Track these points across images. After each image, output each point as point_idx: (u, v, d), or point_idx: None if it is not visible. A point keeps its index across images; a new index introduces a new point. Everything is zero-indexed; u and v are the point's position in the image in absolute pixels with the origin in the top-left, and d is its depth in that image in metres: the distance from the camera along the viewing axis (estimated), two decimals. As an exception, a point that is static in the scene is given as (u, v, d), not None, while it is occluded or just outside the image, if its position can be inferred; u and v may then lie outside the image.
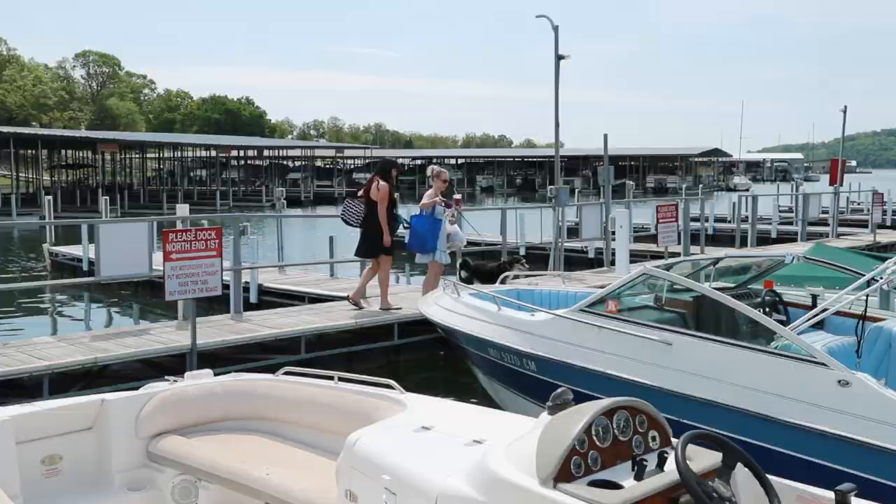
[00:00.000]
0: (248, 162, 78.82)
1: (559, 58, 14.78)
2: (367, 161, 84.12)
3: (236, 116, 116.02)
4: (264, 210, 47.11)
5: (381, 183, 10.92)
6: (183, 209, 11.81)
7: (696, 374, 5.49)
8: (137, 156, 75.83)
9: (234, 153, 72.26)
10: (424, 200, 11.14)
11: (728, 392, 5.29)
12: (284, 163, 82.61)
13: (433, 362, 10.81)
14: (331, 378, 4.74)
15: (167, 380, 4.95)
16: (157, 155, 77.65)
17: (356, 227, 11.17)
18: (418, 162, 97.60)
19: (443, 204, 11.24)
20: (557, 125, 15.19)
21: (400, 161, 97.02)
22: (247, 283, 13.06)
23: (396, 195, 11.65)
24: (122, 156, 72.54)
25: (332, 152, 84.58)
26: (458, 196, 12.29)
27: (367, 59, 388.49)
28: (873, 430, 4.65)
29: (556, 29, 14.80)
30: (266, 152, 78.15)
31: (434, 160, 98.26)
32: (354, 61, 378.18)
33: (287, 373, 4.96)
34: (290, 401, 4.78)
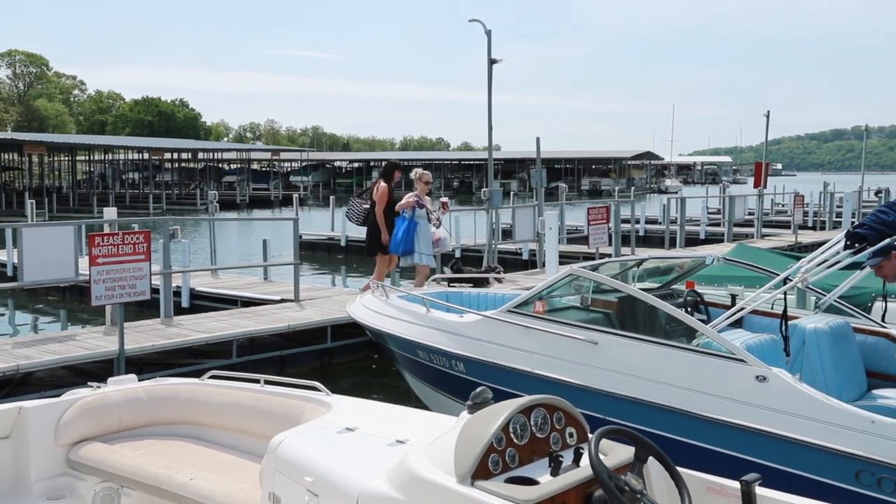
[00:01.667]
0: (183, 165, 77.45)
1: (492, 62, 14.97)
2: (304, 164, 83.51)
3: (170, 118, 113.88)
4: (199, 213, 46.32)
5: (382, 184, 11.12)
6: (110, 212, 11.61)
7: (621, 372, 5.59)
8: (67, 158, 73.84)
9: (167, 156, 70.92)
10: (402, 201, 11.11)
11: (653, 389, 5.41)
12: (220, 165, 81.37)
13: (366, 365, 10.84)
14: (257, 381, 4.73)
15: (90, 386, 4.88)
16: (87, 157, 75.74)
17: (357, 224, 11.65)
18: (356, 165, 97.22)
19: (422, 207, 11.13)
20: (491, 128, 15.36)
21: (337, 164, 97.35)
22: (178, 287, 12.87)
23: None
24: (51, 158, 70.59)
25: (268, 155, 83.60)
26: (444, 199, 12.23)
27: (304, 62, 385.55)
28: (788, 423, 4.82)
29: (488, 33, 15.00)
30: (201, 155, 76.83)
31: (371, 162, 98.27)
32: (292, 64, 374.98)
33: (213, 377, 4.93)
34: (215, 405, 4.76)
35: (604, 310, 6.65)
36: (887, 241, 4.98)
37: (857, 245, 5.03)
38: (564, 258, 17.21)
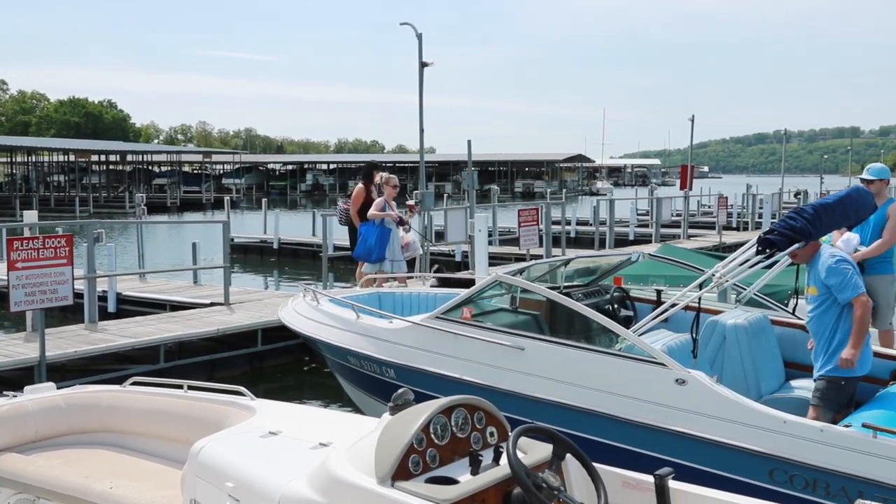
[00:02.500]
0: (111, 167, 75.61)
1: (423, 65, 15.06)
2: (236, 166, 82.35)
3: (97, 120, 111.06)
4: (127, 217, 45.35)
5: (358, 185, 11.04)
6: (31, 215, 11.34)
7: (547, 377, 5.65)
8: (-13, 160, 71.54)
9: (95, 158, 69.18)
10: (373, 210, 10.88)
11: (577, 394, 5.49)
12: (150, 168, 79.73)
13: (298, 367, 10.79)
14: (180, 387, 4.68)
15: (5, 395, 4.75)
16: (8, 159, 73.37)
17: (340, 224, 11.79)
18: (290, 167, 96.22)
19: (397, 220, 11.01)
20: (422, 131, 15.43)
21: (271, 166, 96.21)
22: (105, 291, 12.63)
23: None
24: (-29, 160, 68.26)
25: (200, 157, 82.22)
26: (411, 202, 12.11)
27: (237, 63, 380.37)
28: (706, 425, 4.96)
29: (419, 37, 15.09)
30: (130, 157, 75.13)
31: (306, 165, 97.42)
32: (224, 65, 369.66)
33: (135, 383, 4.85)
34: (136, 411, 4.69)
35: (533, 311, 6.71)
36: (795, 246, 5.20)
37: (768, 251, 5.21)
38: (496, 259, 17.40)
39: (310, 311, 7.72)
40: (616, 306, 7.43)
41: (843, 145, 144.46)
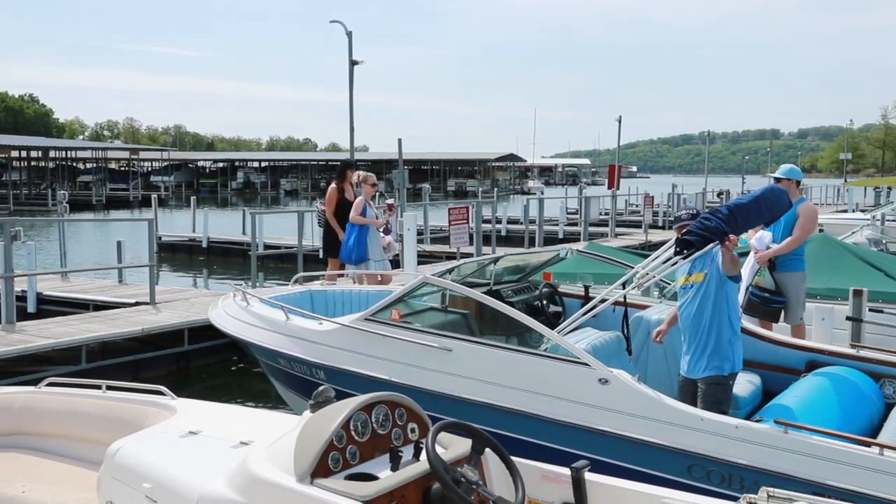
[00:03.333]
0: (33, 164, 73.32)
1: (353, 63, 15.03)
2: (165, 163, 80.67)
3: (18, 114, 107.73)
4: (50, 214, 44.07)
5: (332, 186, 10.63)
6: (-55, 213, 10.94)
7: (474, 378, 5.68)
8: None
9: (15, 154, 66.94)
10: (354, 213, 10.36)
11: (504, 394, 5.53)
12: (74, 165, 77.59)
13: (226, 367, 10.67)
14: (98, 387, 4.59)
15: None
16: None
17: (321, 227, 11.29)
18: (220, 165, 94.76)
19: (382, 228, 10.55)
20: (352, 129, 15.40)
21: (201, 164, 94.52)
22: (23, 291, 12.28)
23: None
24: None
25: (127, 154, 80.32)
26: (390, 201, 11.84)
27: (165, 58, 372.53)
28: (628, 423, 5.05)
29: (349, 35, 15.02)
30: (53, 153, 72.92)
31: (237, 163, 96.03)
32: (152, 60, 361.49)
33: (51, 384, 4.74)
34: (51, 413, 4.58)
35: (462, 310, 6.73)
36: (710, 245, 5.32)
37: (686, 251, 5.29)
38: (427, 258, 17.47)
39: (239, 311, 7.63)
40: (545, 302, 7.51)
41: (765, 146, 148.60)
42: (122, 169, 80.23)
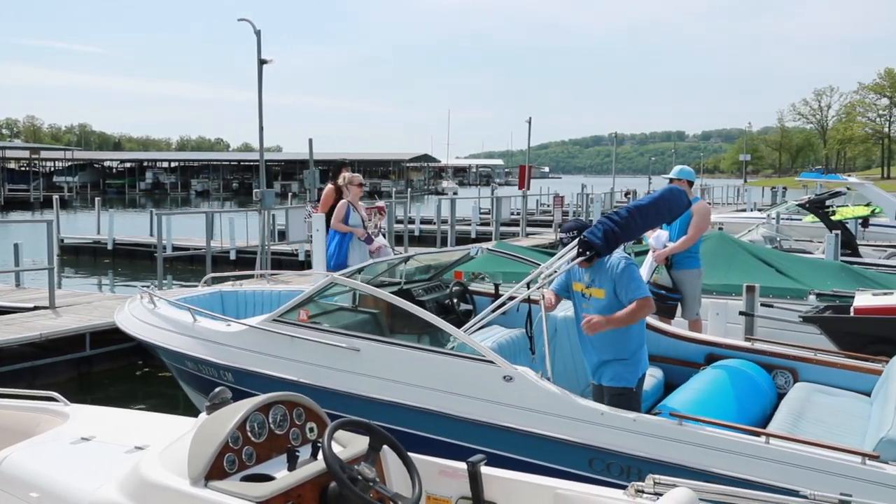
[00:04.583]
0: (-77, 163, 69.93)
1: (262, 62, 14.87)
2: (69, 163, 77.95)
3: None
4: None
5: (327, 187, 10.13)
6: None
7: (383, 377, 5.70)
8: None
9: None
10: (336, 220, 9.67)
11: (411, 393, 5.56)
12: (-31, 164, 74.19)
13: (130, 372, 10.40)
14: None
15: None
16: None
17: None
18: (128, 165, 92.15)
19: (364, 238, 9.69)
20: (262, 128, 15.23)
21: (107, 164, 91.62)
22: None
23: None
24: None
25: (27, 154, 77.29)
26: (381, 203, 11.36)
27: (69, 56, 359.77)
28: (532, 419, 5.14)
29: (258, 33, 14.89)
30: (-55, 152, 69.70)
31: (145, 163, 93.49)
32: (55, 57, 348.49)
33: None
34: None
35: (372, 309, 6.73)
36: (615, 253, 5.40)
37: (588, 252, 5.38)
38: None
39: (146, 314, 7.48)
40: (456, 300, 7.59)
41: (671, 148, 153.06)
42: (23, 169, 77.18)
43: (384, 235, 10.76)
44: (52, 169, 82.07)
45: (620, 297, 5.16)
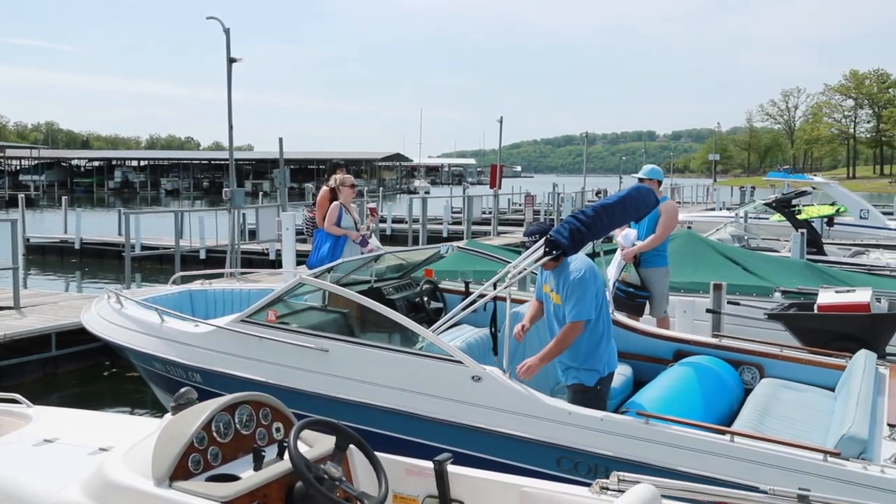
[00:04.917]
0: None
1: (231, 60, 14.79)
2: (36, 162, 76.93)
3: None
4: None
5: (322, 189, 9.85)
6: None
7: (351, 378, 5.68)
8: None
9: None
10: (328, 223, 9.41)
11: (380, 393, 5.55)
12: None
13: (97, 372, 10.28)
14: None
15: None
16: None
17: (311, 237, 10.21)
18: (96, 163, 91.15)
19: (358, 241, 9.49)
20: (231, 127, 15.12)
21: (75, 162, 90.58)
22: None
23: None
24: None
25: (-8, 152, 76.24)
26: (372, 205, 11.19)
27: (34, 52, 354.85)
28: (500, 419, 5.15)
29: (227, 31, 14.81)
30: None
31: (114, 161, 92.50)
32: (19, 53, 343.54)
33: None
34: None
35: (342, 309, 6.70)
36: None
37: (555, 252, 5.40)
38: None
39: (113, 314, 7.39)
40: (426, 298, 7.58)
41: (641, 148, 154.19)
42: (-13, 167, 76.14)
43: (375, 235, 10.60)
44: (18, 167, 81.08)
45: (564, 308, 5.19)
